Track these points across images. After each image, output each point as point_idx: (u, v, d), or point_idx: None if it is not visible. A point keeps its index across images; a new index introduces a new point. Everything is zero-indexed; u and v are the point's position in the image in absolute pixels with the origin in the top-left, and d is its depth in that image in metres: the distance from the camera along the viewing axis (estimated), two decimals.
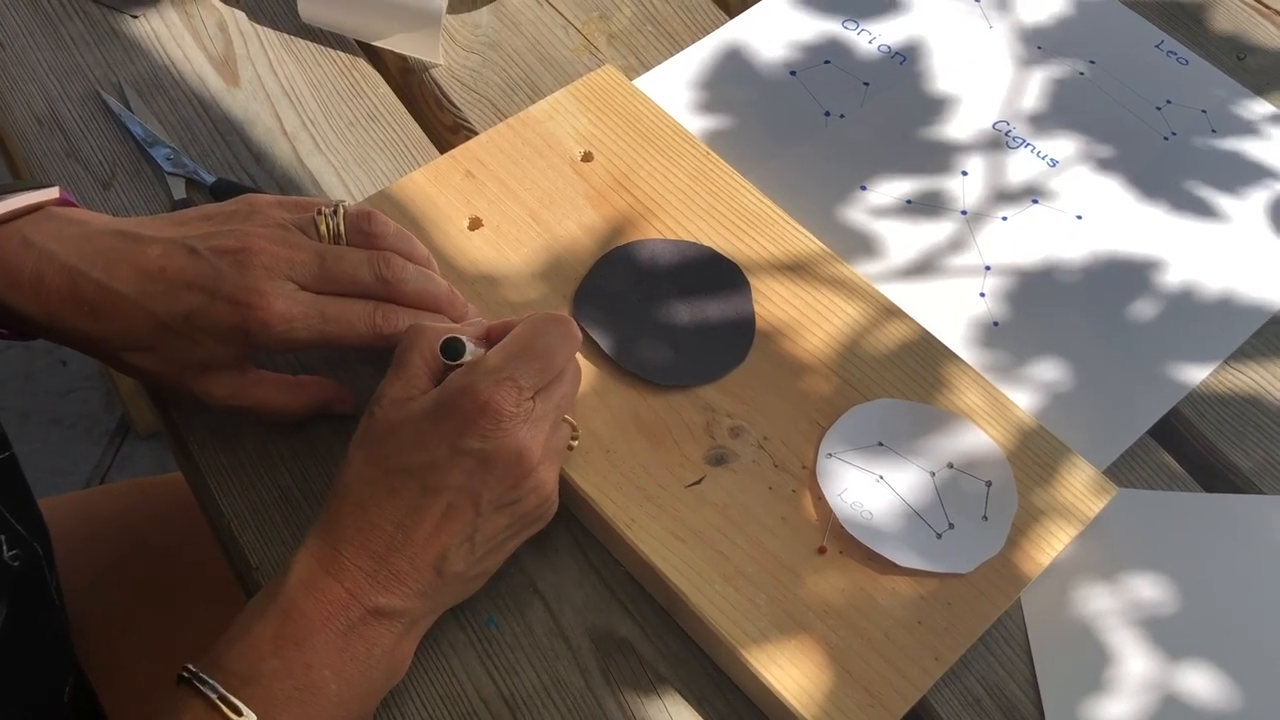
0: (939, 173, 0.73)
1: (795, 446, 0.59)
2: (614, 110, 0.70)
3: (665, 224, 0.66)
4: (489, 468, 0.50)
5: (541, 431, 0.52)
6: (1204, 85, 0.78)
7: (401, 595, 0.50)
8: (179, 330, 0.54)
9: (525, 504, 0.52)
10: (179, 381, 0.57)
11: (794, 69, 0.77)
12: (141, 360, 0.56)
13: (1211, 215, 0.72)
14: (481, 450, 0.50)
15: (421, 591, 0.50)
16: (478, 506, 0.50)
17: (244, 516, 0.58)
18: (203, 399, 0.57)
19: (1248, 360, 0.67)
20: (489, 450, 0.50)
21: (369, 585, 0.49)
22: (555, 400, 0.53)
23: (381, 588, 0.49)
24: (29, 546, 0.58)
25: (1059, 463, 0.59)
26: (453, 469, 0.50)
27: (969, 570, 0.56)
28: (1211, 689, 0.56)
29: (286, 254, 0.54)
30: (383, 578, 0.49)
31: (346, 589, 0.49)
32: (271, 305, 0.53)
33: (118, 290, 0.54)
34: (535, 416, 0.51)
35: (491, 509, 0.51)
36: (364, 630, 0.49)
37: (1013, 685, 0.56)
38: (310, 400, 0.59)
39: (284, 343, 0.54)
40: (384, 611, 0.49)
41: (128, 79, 0.73)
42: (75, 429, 1.53)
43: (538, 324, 0.53)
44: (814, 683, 0.52)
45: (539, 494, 0.52)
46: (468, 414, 0.50)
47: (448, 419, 0.50)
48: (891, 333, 0.63)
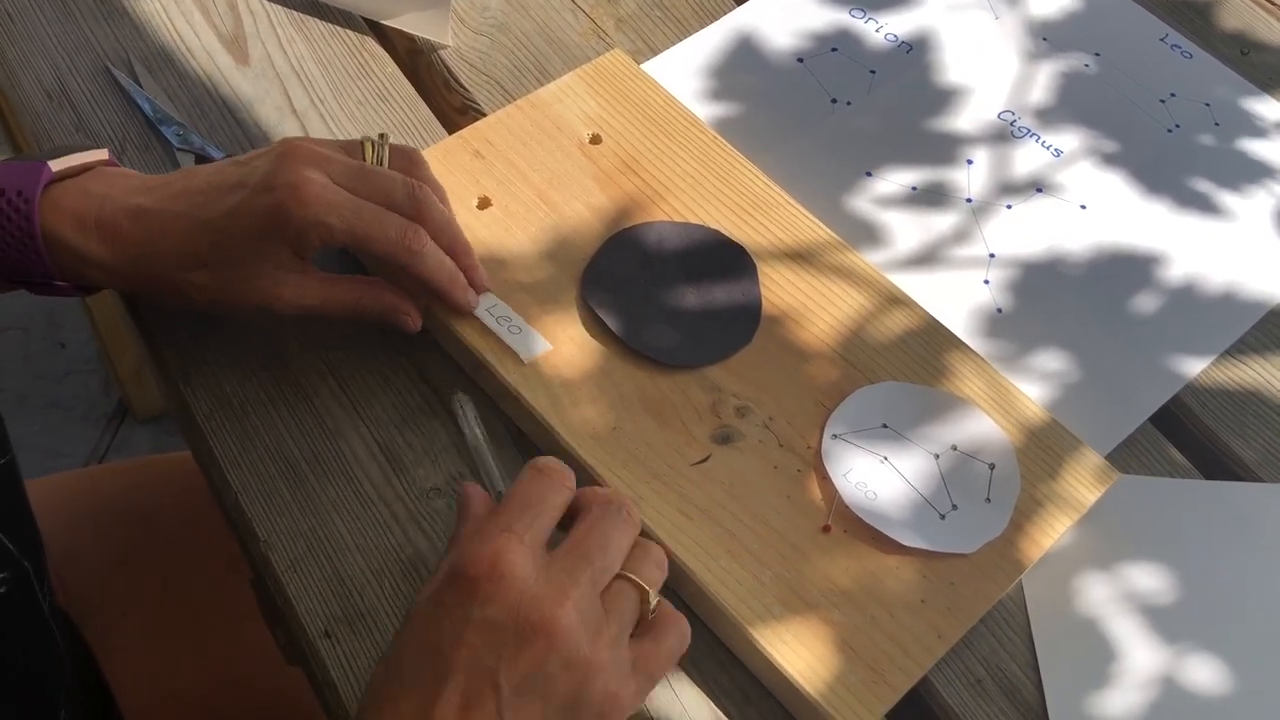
0: (945, 161, 0.73)
1: (800, 427, 0.59)
2: (622, 94, 0.71)
3: (673, 207, 0.67)
4: (498, 636, 0.44)
5: (560, 589, 0.45)
6: (1208, 79, 0.79)
7: None
8: (225, 230, 0.55)
9: (559, 686, 0.44)
10: (244, 295, 0.57)
11: (802, 56, 0.78)
12: (201, 278, 0.57)
13: (1214, 208, 0.73)
14: (490, 618, 0.44)
15: None
16: (497, 689, 0.44)
17: (252, 490, 0.59)
18: (272, 305, 0.57)
19: (1249, 352, 0.67)
20: (496, 616, 0.44)
21: None
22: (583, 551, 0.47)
23: None
24: (18, 567, 0.56)
25: (1061, 448, 0.60)
26: (460, 645, 0.44)
27: (972, 551, 0.56)
28: (1209, 673, 0.56)
29: (325, 154, 0.57)
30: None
31: None
32: (308, 187, 0.54)
33: (171, 210, 0.56)
34: (550, 571, 0.45)
35: (515, 693, 0.44)
36: None
37: (1014, 666, 0.56)
38: (377, 300, 0.59)
39: (318, 229, 0.55)
40: None
41: (137, 55, 0.74)
42: (73, 412, 1.52)
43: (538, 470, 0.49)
44: (818, 659, 0.53)
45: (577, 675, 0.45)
46: (466, 578, 0.45)
47: (451, 587, 0.45)
48: (897, 318, 0.64)
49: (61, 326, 1.59)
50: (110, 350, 1.39)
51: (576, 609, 0.45)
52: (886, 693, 0.52)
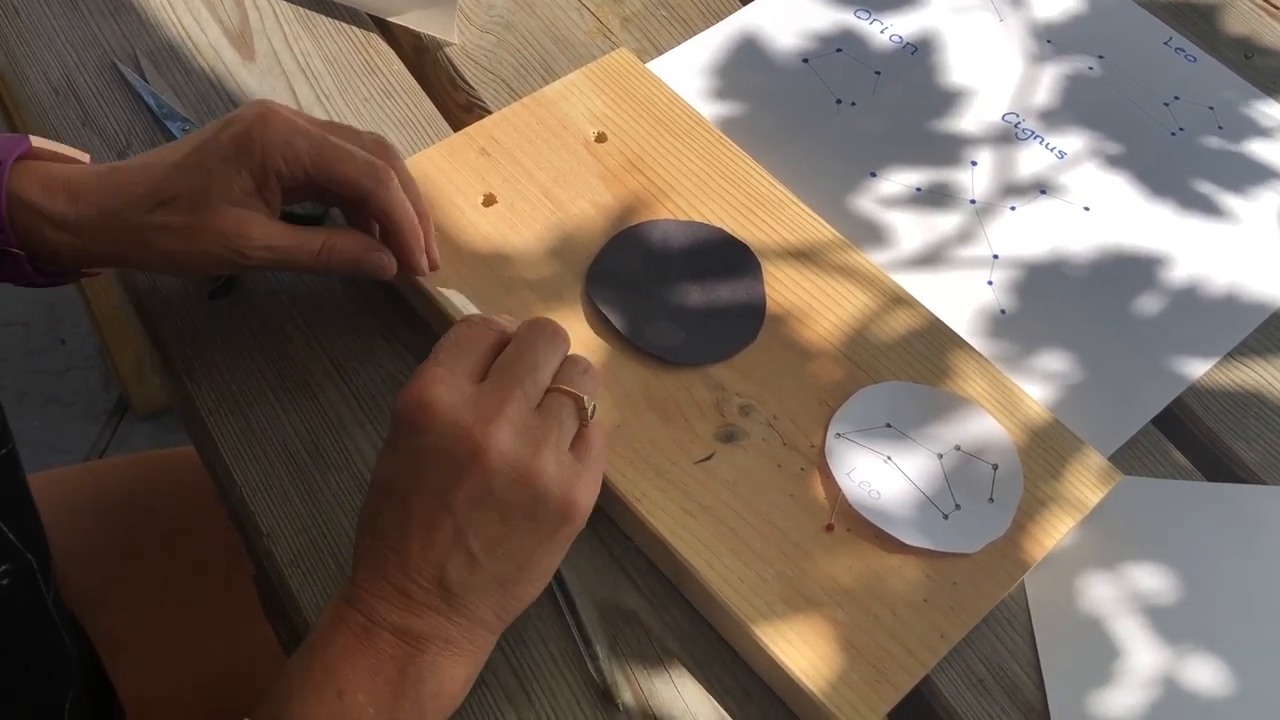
0: (949, 163, 0.74)
1: (804, 426, 0.60)
2: (628, 93, 0.71)
3: (678, 205, 0.67)
4: (433, 462, 0.47)
5: (490, 408, 0.48)
6: (1211, 82, 0.79)
7: (415, 613, 0.48)
8: (192, 165, 0.55)
9: (508, 495, 0.48)
10: (211, 235, 0.55)
11: (806, 56, 0.78)
12: (165, 217, 0.55)
13: (1217, 211, 0.73)
14: (427, 445, 0.47)
15: (434, 608, 0.48)
16: (450, 508, 0.47)
17: (255, 483, 0.59)
18: (240, 247, 0.56)
19: (1252, 355, 0.67)
20: (426, 443, 0.47)
21: (381, 606, 0.48)
22: (513, 372, 0.49)
23: (394, 607, 0.48)
24: (21, 559, 0.56)
25: (1064, 448, 0.60)
26: (410, 477, 0.48)
27: (975, 550, 0.56)
28: (1210, 674, 0.56)
29: (294, 107, 0.58)
30: (392, 597, 0.48)
31: (362, 612, 0.48)
32: (275, 115, 0.55)
33: (142, 161, 0.57)
34: (479, 395, 0.48)
35: (469, 507, 0.47)
36: (391, 652, 0.48)
37: (1015, 666, 0.57)
38: (349, 242, 0.58)
39: (284, 149, 0.55)
40: (403, 631, 0.48)
41: (144, 50, 0.74)
42: (73, 408, 1.52)
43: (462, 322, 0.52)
44: (821, 657, 0.53)
45: (527, 488, 0.48)
46: (403, 413, 0.48)
47: (394, 427, 0.49)
48: (901, 318, 0.64)
49: (62, 322, 1.59)
50: (110, 346, 1.39)
51: (511, 426, 0.48)
52: (889, 692, 0.52)
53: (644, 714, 0.54)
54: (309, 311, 0.64)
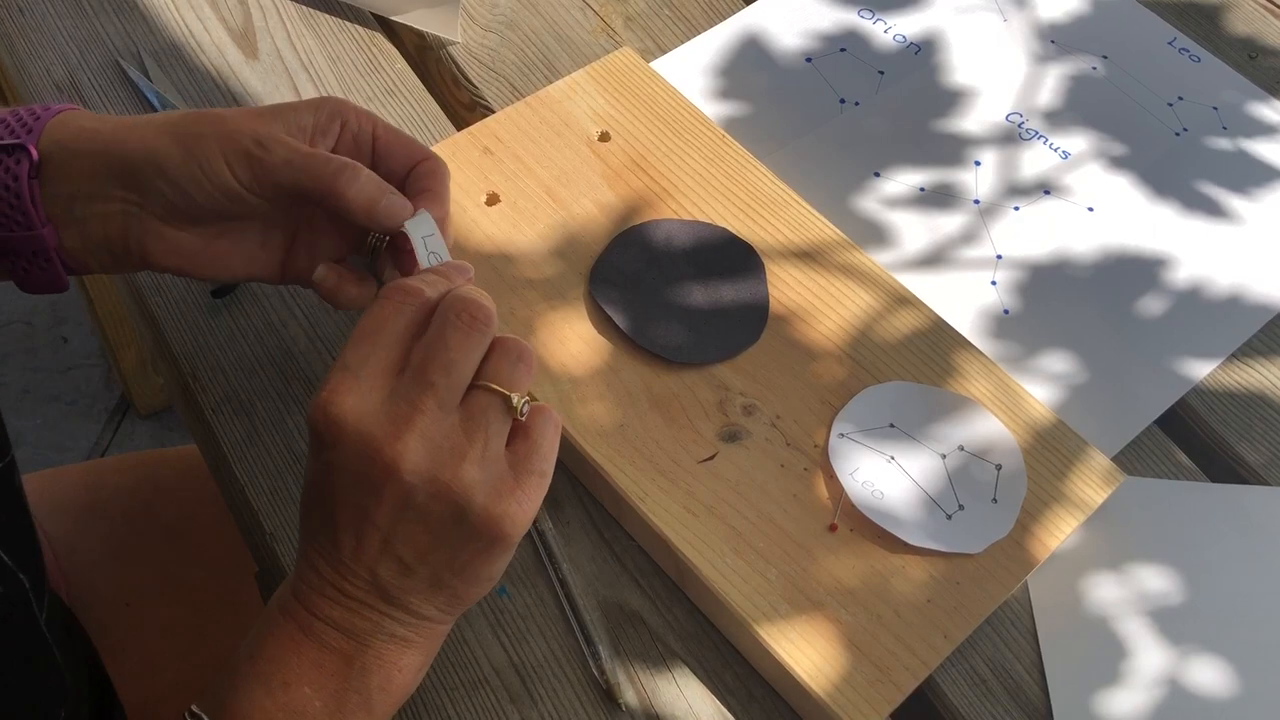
0: (952, 163, 0.73)
1: (807, 426, 0.59)
2: (631, 92, 0.71)
3: (681, 205, 0.67)
4: (347, 478, 0.44)
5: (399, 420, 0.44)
6: (1216, 83, 0.79)
7: (354, 610, 0.46)
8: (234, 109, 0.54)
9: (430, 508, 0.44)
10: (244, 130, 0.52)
11: (810, 56, 0.78)
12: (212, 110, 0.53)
13: (1221, 211, 0.73)
14: (331, 460, 0.45)
15: (373, 605, 0.46)
16: (374, 520, 0.45)
17: (258, 483, 0.59)
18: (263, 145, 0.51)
19: (1256, 356, 0.67)
20: (337, 459, 0.44)
21: (320, 600, 0.46)
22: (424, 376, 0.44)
23: (331, 601, 0.46)
24: (13, 580, 0.54)
25: (1068, 449, 0.60)
26: (331, 489, 0.45)
27: (978, 551, 0.56)
28: (1214, 675, 0.56)
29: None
30: (330, 592, 0.46)
31: (305, 606, 0.47)
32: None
33: (141, 118, 0.54)
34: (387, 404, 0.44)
35: (391, 520, 0.45)
36: (335, 645, 0.46)
37: (1018, 667, 0.56)
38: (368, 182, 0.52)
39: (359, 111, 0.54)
40: (344, 627, 0.46)
41: (147, 49, 0.74)
42: (75, 406, 1.52)
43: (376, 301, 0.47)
44: (824, 657, 0.53)
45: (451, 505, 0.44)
46: (312, 425, 0.45)
47: (310, 433, 0.46)
48: (904, 318, 0.64)
49: (64, 321, 1.59)
50: (113, 345, 1.39)
51: (422, 439, 0.44)
52: (892, 692, 0.52)
53: (647, 714, 0.54)
54: (311, 309, 0.64)
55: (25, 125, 0.53)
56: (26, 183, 0.52)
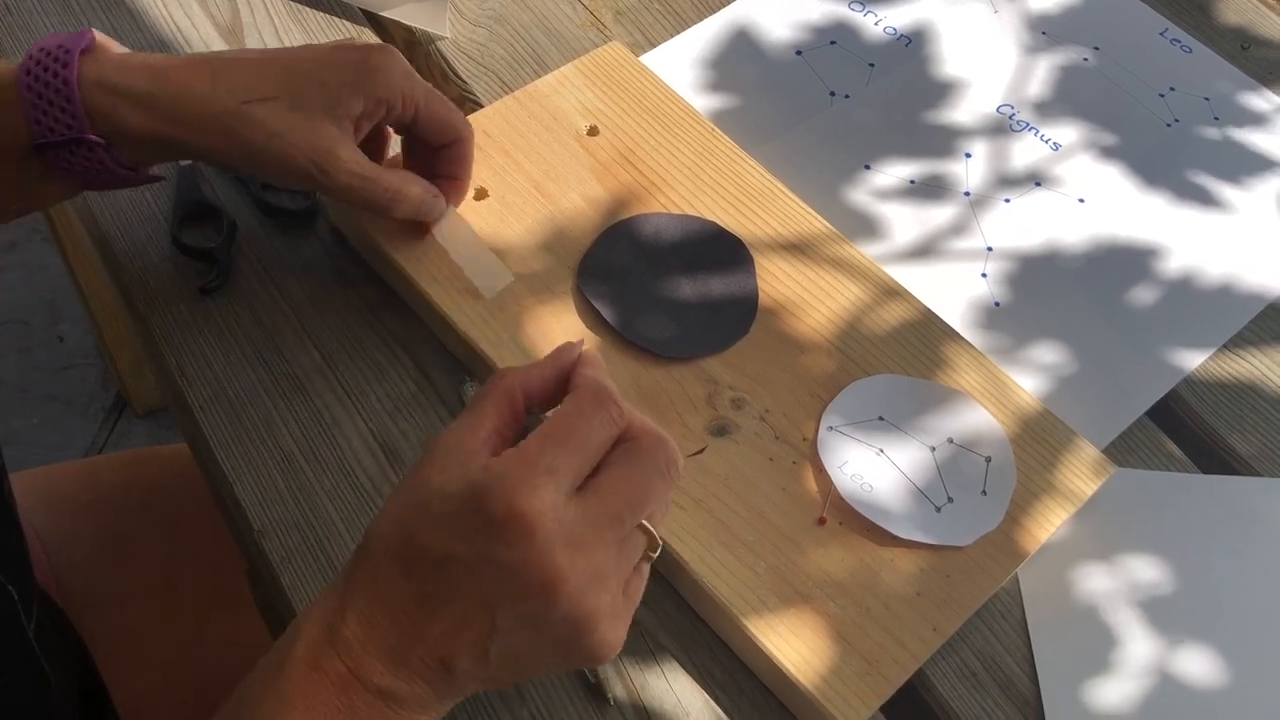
0: (943, 155, 0.73)
1: (796, 419, 0.59)
2: (620, 86, 0.71)
3: (670, 199, 0.66)
4: (510, 583, 0.41)
5: (583, 546, 0.42)
6: (1207, 73, 0.78)
7: (408, 681, 0.43)
8: (308, 70, 0.55)
9: (558, 631, 0.42)
10: (302, 143, 0.54)
11: (800, 49, 0.77)
12: (264, 112, 0.54)
13: (1212, 202, 0.73)
14: (505, 561, 0.41)
15: (428, 680, 0.43)
16: (494, 620, 0.42)
17: (247, 480, 0.59)
18: (326, 165, 0.55)
19: (1247, 346, 0.67)
20: (512, 561, 0.41)
21: (373, 666, 0.42)
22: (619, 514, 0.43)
23: (385, 670, 0.42)
24: (1, 592, 0.53)
25: (1058, 441, 0.60)
26: (468, 575, 0.42)
27: (968, 544, 0.56)
28: (1204, 666, 0.56)
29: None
30: (386, 660, 0.42)
31: (348, 666, 0.42)
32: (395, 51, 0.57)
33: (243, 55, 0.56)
34: (577, 526, 0.42)
35: (512, 625, 0.42)
36: (367, 713, 0.43)
37: (1009, 660, 0.56)
38: (415, 195, 0.60)
39: (405, 88, 0.57)
40: (387, 694, 0.43)
41: (135, 46, 0.73)
42: (71, 405, 1.52)
43: (582, 403, 0.43)
44: (813, 651, 0.53)
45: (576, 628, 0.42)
46: (493, 516, 0.41)
47: (473, 513, 0.41)
48: (894, 311, 0.63)
49: (61, 320, 1.59)
50: (109, 344, 1.39)
51: (589, 565, 0.42)
52: (881, 685, 0.52)
53: (636, 709, 0.54)
54: (299, 305, 0.64)
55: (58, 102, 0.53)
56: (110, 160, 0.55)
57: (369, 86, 0.55)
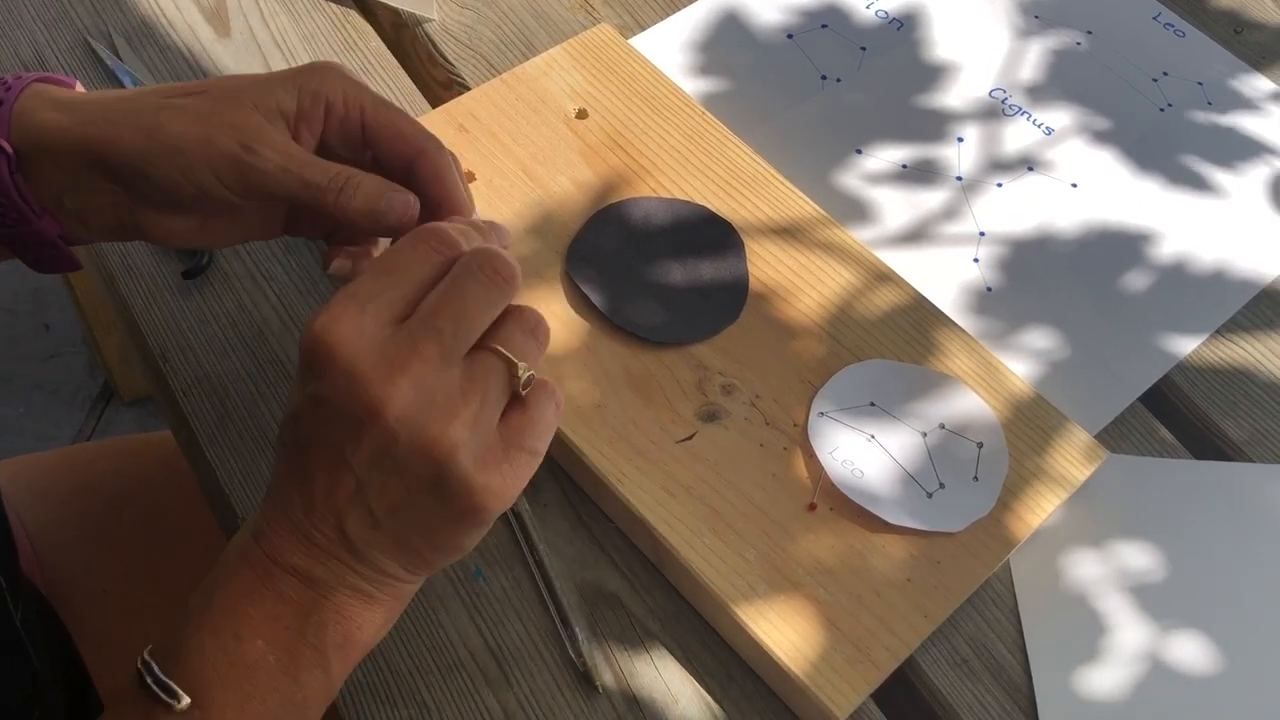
0: (935, 139, 0.73)
1: (787, 405, 0.59)
2: (609, 68, 0.70)
3: (659, 183, 0.66)
4: (329, 413, 0.42)
5: (395, 361, 0.41)
6: (1201, 58, 0.78)
7: (318, 559, 0.44)
8: (236, 76, 0.51)
9: (410, 463, 0.42)
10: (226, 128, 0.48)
11: (791, 32, 0.77)
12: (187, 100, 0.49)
13: (1206, 187, 0.72)
14: (316, 392, 0.42)
15: (337, 556, 0.44)
16: (349, 464, 0.42)
17: (230, 467, 0.58)
18: (253, 155, 0.48)
19: (1240, 331, 0.67)
20: (322, 391, 0.41)
21: (285, 546, 0.44)
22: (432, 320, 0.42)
23: (297, 549, 0.44)
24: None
25: (1050, 426, 0.59)
26: (310, 419, 0.43)
27: (959, 530, 0.56)
28: (1196, 652, 0.56)
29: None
30: (296, 538, 0.44)
31: (265, 551, 0.44)
32: (344, 67, 0.51)
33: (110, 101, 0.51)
34: (387, 342, 0.41)
35: (368, 467, 0.42)
36: (294, 596, 0.44)
37: (1000, 646, 0.56)
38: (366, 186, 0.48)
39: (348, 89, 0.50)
40: (305, 575, 0.44)
41: (117, 27, 0.72)
42: (58, 394, 1.51)
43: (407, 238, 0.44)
44: (803, 638, 0.52)
45: (432, 463, 0.42)
46: (303, 349, 0.42)
47: (299, 361, 0.43)
48: (885, 296, 0.63)
49: (47, 308, 1.58)
50: (96, 332, 1.38)
51: (415, 387, 0.41)
52: (872, 672, 0.52)
53: (624, 696, 0.53)
54: (284, 290, 0.63)
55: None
56: (10, 179, 0.50)
57: (303, 80, 0.50)
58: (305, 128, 0.50)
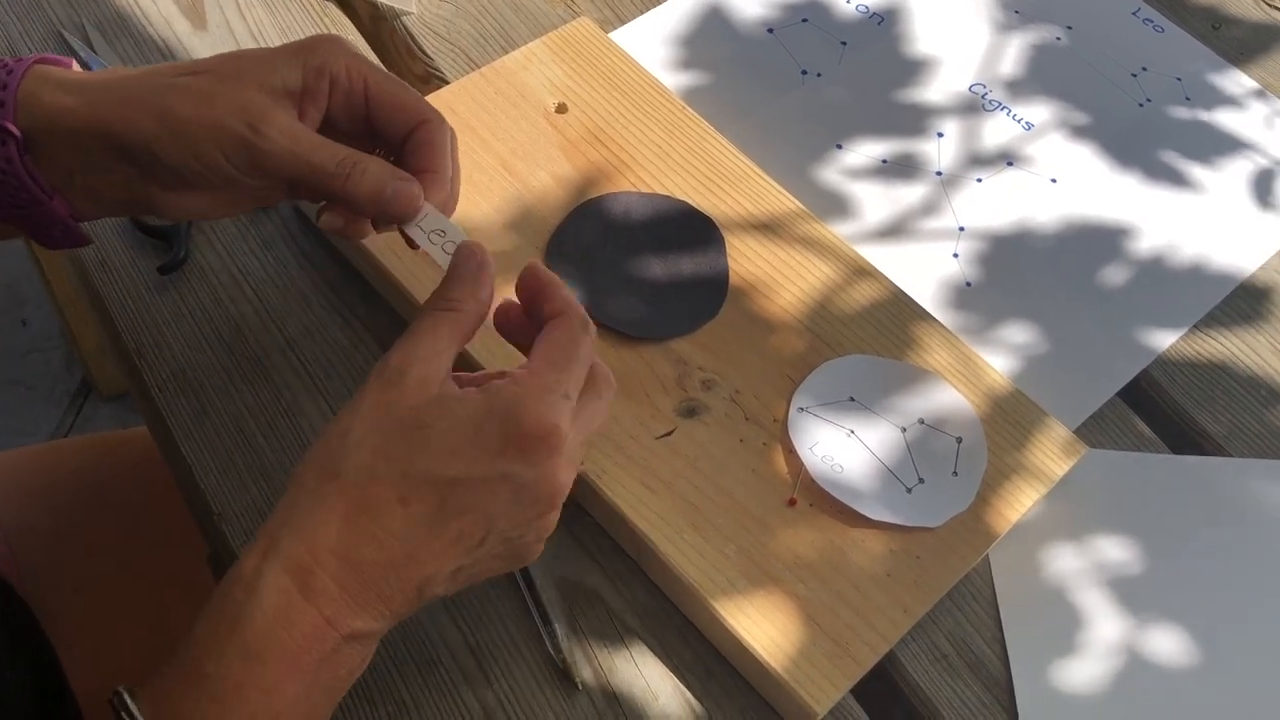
0: (915, 134, 0.73)
1: (767, 400, 0.59)
2: (589, 63, 0.70)
3: (639, 177, 0.65)
4: (523, 497, 0.44)
5: (575, 464, 0.45)
6: (1179, 53, 0.78)
7: (379, 617, 0.43)
8: (239, 51, 0.51)
9: (525, 540, 0.46)
10: (233, 109, 0.49)
11: (771, 27, 0.76)
12: (192, 80, 0.50)
13: (1184, 182, 0.72)
14: (524, 477, 0.43)
15: (398, 613, 0.44)
16: (486, 536, 0.44)
17: (206, 462, 0.57)
18: (257, 136, 0.49)
19: (1217, 326, 0.67)
20: (532, 479, 0.43)
21: (348, 609, 0.42)
22: (593, 429, 0.46)
23: (362, 609, 0.42)
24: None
25: (1029, 421, 0.59)
26: (484, 491, 0.43)
27: (938, 525, 0.56)
28: (1174, 645, 0.56)
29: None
30: (366, 598, 0.42)
31: (325, 616, 0.42)
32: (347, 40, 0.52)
33: (115, 80, 0.51)
34: (575, 450, 0.45)
35: (498, 539, 0.44)
36: (335, 659, 0.42)
37: (980, 641, 0.56)
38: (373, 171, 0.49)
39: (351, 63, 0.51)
40: (359, 636, 0.43)
41: (91, 19, 0.72)
42: (35, 390, 1.50)
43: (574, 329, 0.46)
44: (782, 633, 0.52)
45: (538, 542, 0.47)
46: (525, 435, 0.43)
47: (496, 434, 0.43)
48: (865, 291, 0.63)
49: (24, 304, 1.56)
50: (73, 327, 1.37)
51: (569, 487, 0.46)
52: (851, 667, 0.52)
53: (604, 693, 0.53)
54: (261, 286, 0.63)
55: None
56: (20, 161, 0.50)
57: (306, 55, 0.50)
58: (310, 103, 0.51)
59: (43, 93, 0.50)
